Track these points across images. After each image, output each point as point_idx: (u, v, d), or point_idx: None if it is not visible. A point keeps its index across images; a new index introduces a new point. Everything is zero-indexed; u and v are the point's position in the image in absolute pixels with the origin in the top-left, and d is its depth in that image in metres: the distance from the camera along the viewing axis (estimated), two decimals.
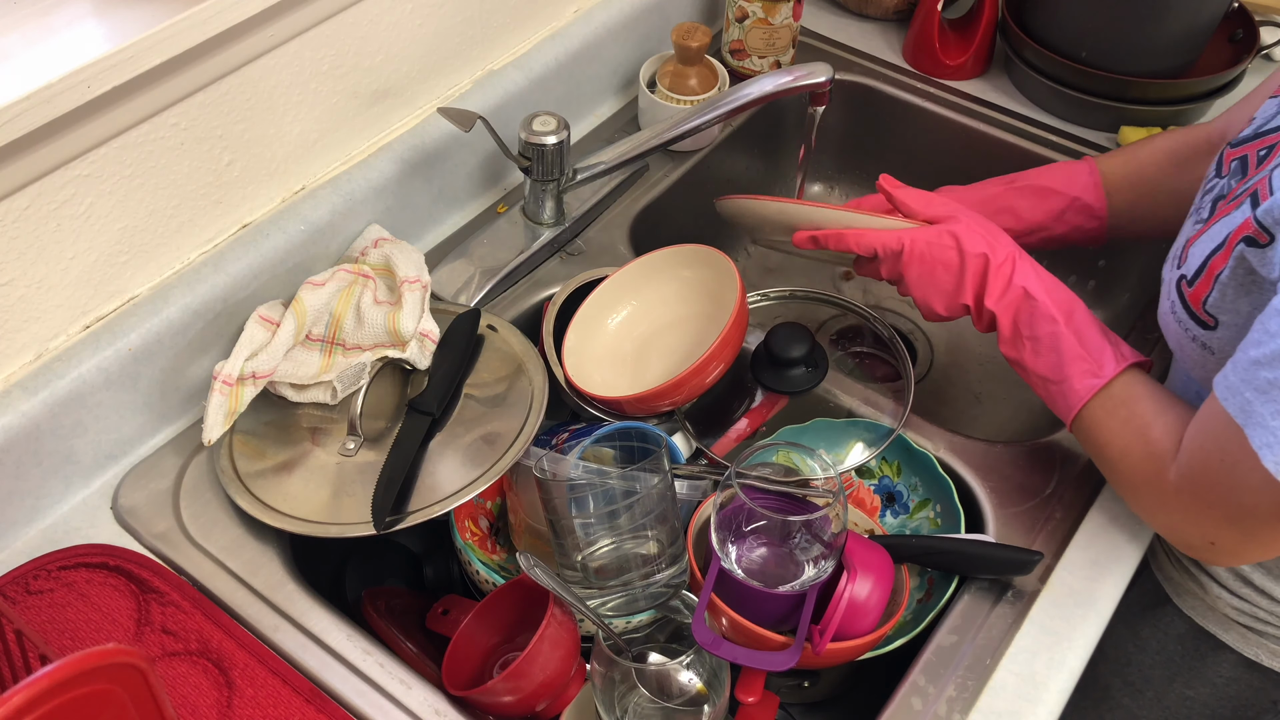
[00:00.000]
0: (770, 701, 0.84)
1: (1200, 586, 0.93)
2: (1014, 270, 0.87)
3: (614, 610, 0.83)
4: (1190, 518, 0.78)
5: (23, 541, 0.87)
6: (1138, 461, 0.81)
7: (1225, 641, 0.93)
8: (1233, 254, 0.73)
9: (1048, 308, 0.85)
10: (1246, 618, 0.91)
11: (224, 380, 0.91)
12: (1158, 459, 0.79)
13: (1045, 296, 0.86)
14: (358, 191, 1.02)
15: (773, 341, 0.97)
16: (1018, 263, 0.88)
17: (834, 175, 1.42)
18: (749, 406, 1.02)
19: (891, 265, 0.92)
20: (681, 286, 1.02)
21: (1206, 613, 0.94)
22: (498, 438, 0.90)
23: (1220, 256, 0.74)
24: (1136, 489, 0.82)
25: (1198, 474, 0.75)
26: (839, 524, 0.82)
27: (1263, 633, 0.91)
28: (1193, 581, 0.94)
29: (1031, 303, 0.86)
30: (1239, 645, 0.93)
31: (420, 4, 1.02)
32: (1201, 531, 0.78)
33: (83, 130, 0.80)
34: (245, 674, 0.79)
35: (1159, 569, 0.98)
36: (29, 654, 0.71)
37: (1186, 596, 0.95)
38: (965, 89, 1.32)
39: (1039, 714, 0.81)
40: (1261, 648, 0.92)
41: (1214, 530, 0.77)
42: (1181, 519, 0.79)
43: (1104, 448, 0.84)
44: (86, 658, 0.56)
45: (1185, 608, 0.95)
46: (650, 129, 1.08)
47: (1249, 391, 0.69)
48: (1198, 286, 0.77)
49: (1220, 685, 0.96)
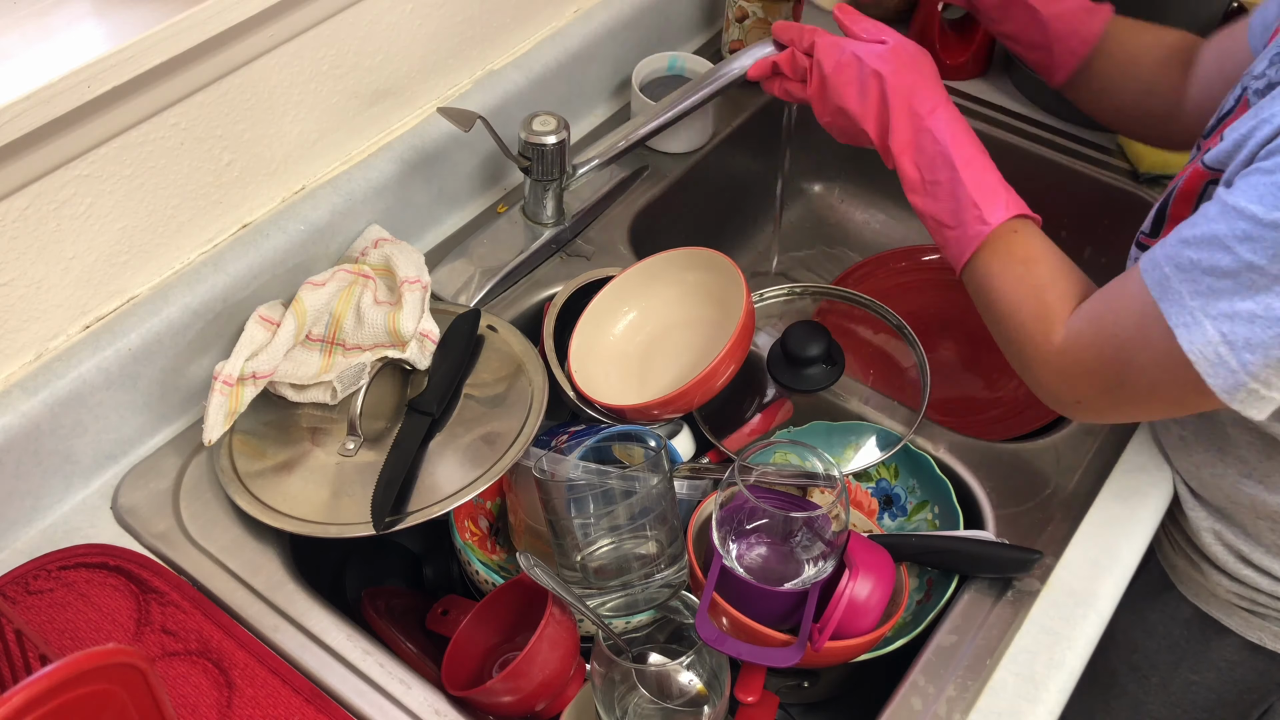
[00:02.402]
0: (770, 701, 0.84)
1: (1200, 573, 0.93)
2: (928, 113, 0.86)
3: (614, 610, 0.83)
4: (1066, 378, 0.80)
5: (23, 541, 0.87)
6: (1028, 318, 0.81)
7: (1229, 626, 0.93)
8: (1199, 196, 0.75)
9: (947, 152, 0.84)
10: (1247, 602, 0.91)
11: (224, 380, 0.91)
12: (1048, 320, 0.80)
13: (950, 141, 0.85)
14: (358, 191, 1.02)
15: (790, 340, 0.97)
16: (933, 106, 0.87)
17: (834, 175, 1.43)
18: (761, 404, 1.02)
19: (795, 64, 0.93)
20: (685, 290, 1.02)
21: (1209, 598, 0.94)
22: (497, 438, 0.90)
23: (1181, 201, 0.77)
24: (1021, 344, 0.83)
25: (1088, 338, 0.77)
26: (840, 523, 0.82)
27: (1265, 616, 0.92)
28: (1194, 569, 0.94)
29: (936, 146, 0.85)
30: (1242, 629, 0.93)
31: (420, 4, 1.02)
32: (1074, 392, 0.80)
33: (83, 130, 0.80)
34: (245, 674, 0.79)
35: (1163, 556, 0.98)
36: (29, 654, 0.70)
37: (1189, 583, 0.95)
38: (965, 89, 1.32)
39: (1039, 714, 0.81)
40: (1265, 630, 0.92)
41: (1086, 391, 0.79)
42: (1056, 377, 0.80)
43: (995, 301, 0.84)
44: (86, 658, 0.56)
45: (1188, 594, 0.96)
46: (643, 114, 1.07)
47: (1169, 267, 0.70)
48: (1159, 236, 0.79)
49: (1225, 669, 0.96)
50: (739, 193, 1.34)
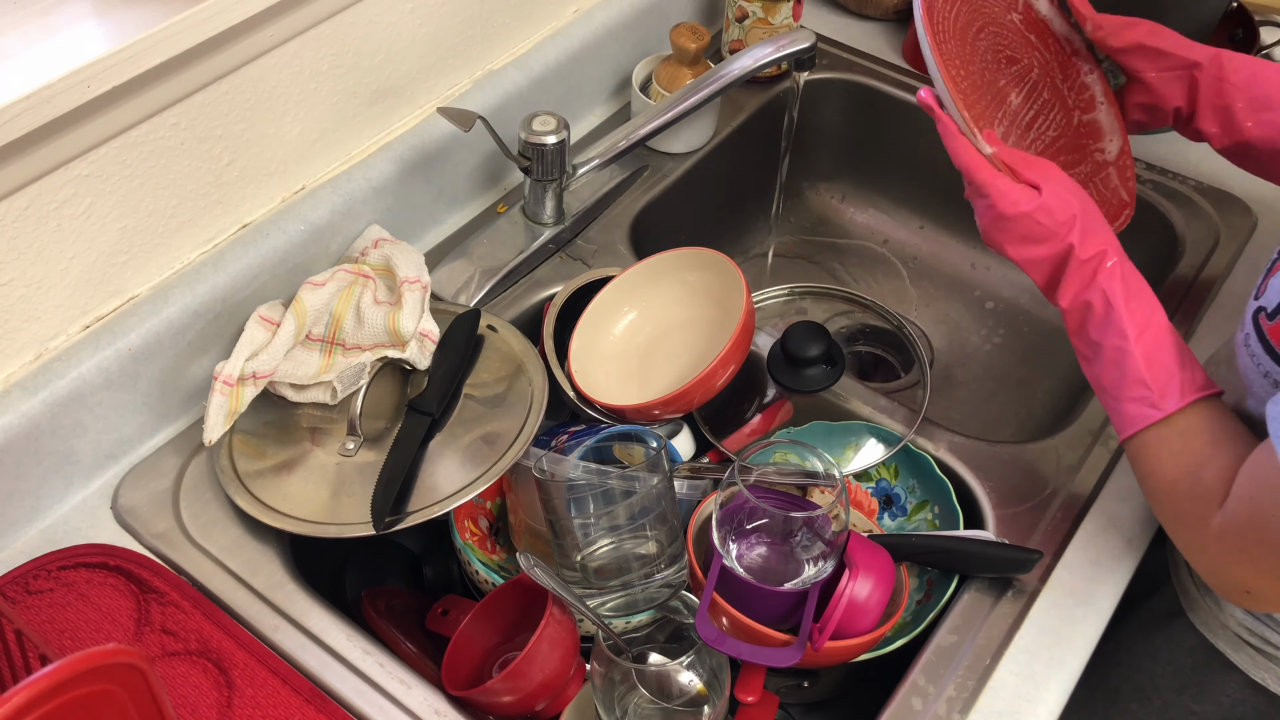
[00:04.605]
0: (770, 701, 0.84)
1: (1215, 603, 0.91)
2: (1098, 270, 0.80)
3: (614, 610, 0.83)
4: (1229, 564, 0.75)
5: (23, 541, 0.87)
6: (1183, 499, 0.77)
7: (1234, 662, 0.92)
8: None
9: (1121, 321, 0.79)
10: (1257, 639, 0.89)
11: (224, 380, 0.91)
12: (1204, 501, 0.75)
13: (1123, 307, 0.79)
14: (358, 191, 1.02)
15: (790, 340, 0.97)
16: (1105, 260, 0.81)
17: (834, 175, 1.43)
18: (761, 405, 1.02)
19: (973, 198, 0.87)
20: (686, 290, 1.02)
21: (1219, 630, 0.92)
22: (497, 438, 0.90)
23: None
24: (1179, 526, 0.79)
25: (1244, 521, 0.72)
26: (840, 523, 0.82)
27: (1271, 656, 0.89)
28: (1208, 597, 0.92)
29: (1108, 310, 0.79)
30: (1247, 667, 0.91)
31: (420, 4, 1.02)
32: (1240, 579, 0.76)
33: (83, 130, 0.80)
34: (245, 674, 0.79)
35: (1178, 580, 0.97)
36: (29, 654, 0.71)
37: (1200, 611, 0.94)
38: None
39: (1039, 714, 0.81)
40: (1269, 672, 0.90)
41: (1254, 579, 0.74)
42: (1220, 564, 0.76)
43: (1151, 477, 0.80)
44: (86, 658, 0.56)
45: (1198, 623, 0.94)
46: (643, 114, 1.07)
47: None
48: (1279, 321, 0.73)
49: (1226, 705, 0.94)
50: (739, 193, 1.34)
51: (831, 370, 0.97)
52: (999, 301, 1.33)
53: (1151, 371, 0.78)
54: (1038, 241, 0.82)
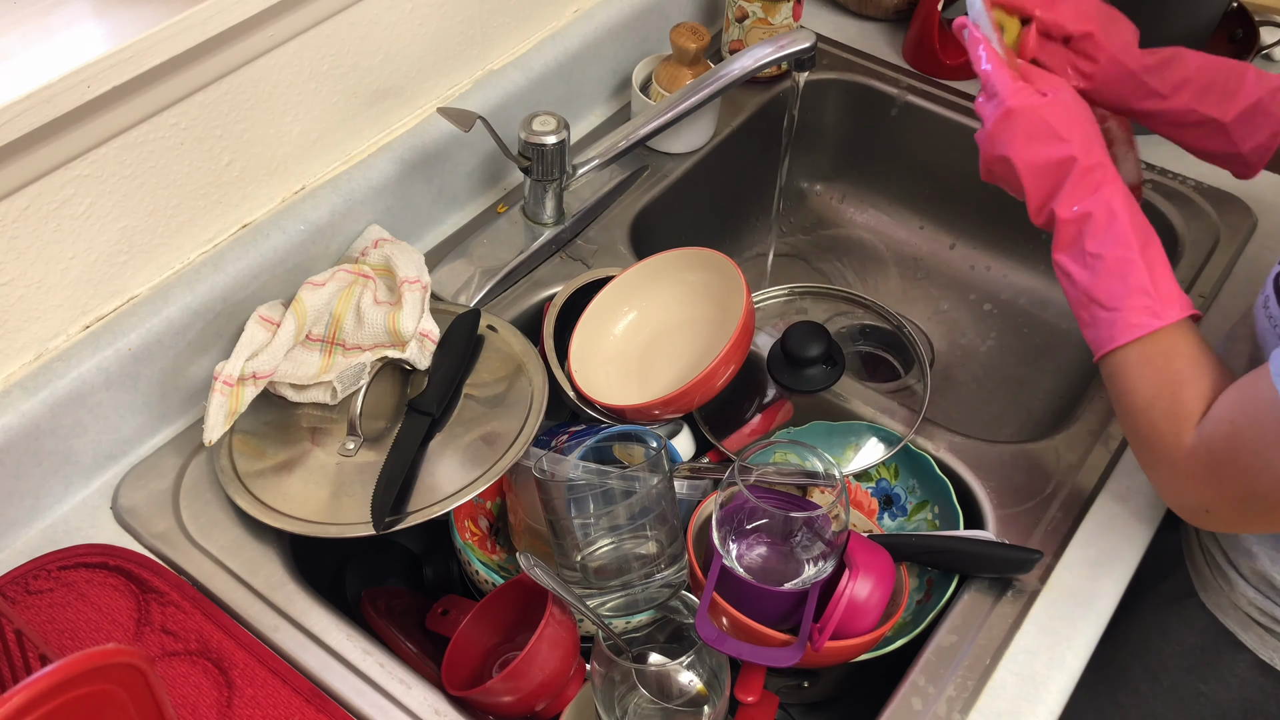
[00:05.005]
0: (770, 701, 0.84)
1: (1227, 583, 0.92)
2: (1102, 180, 0.80)
3: (614, 610, 0.83)
4: (1194, 484, 0.76)
5: (23, 541, 0.87)
6: (1160, 416, 0.77)
7: (1244, 642, 0.92)
8: None
9: (1125, 231, 0.78)
10: (1266, 618, 0.90)
11: (225, 380, 0.91)
12: (1180, 419, 0.75)
13: (1128, 217, 0.78)
14: (358, 191, 1.02)
15: (790, 340, 0.97)
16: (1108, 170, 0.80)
17: (834, 175, 1.43)
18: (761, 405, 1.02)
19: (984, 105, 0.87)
20: (686, 290, 1.02)
21: (1229, 609, 0.93)
22: (497, 438, 0.90)
23: None
24: (1150, 442, 0.79)
25: (1219, 445, 0.72)
26: (840, 523, 0.82)
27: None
28: (1220, 577, 0.93)
29: (1110, 220, 0.79)
30: (1256, 647, 0.91)
31: (420, 4, 1.02)
32: (1202, 499, 0.77)
33: (83, 130, 0.80)
34: (245, 674, 0.79)
35: (1190, 562, 0.97)
36: (29, 654, 0.71)
37: (1210, 591, 0.94)
38: (966, 89, 1.32)
39: (1039, 714, 0.81)
40: (1278, 651, 0.91)
41: (1215, 500, 0.75)
42: (1184, 483, 0.77)
43: (1129, 394, 0.79)
44: (86, 658, 0.56)
45: (1209, 603, 0.94)
46: (643, 114, 1.07)
47: None
48: None
49: (1235, 685, 0.95)
50: (739, 193, 1.34)
51: (831, 370, 0.97)
52: (998, 303, 1.33)
53: (1155, 281, 0.78)
54: (1043, 142, 0.82)
